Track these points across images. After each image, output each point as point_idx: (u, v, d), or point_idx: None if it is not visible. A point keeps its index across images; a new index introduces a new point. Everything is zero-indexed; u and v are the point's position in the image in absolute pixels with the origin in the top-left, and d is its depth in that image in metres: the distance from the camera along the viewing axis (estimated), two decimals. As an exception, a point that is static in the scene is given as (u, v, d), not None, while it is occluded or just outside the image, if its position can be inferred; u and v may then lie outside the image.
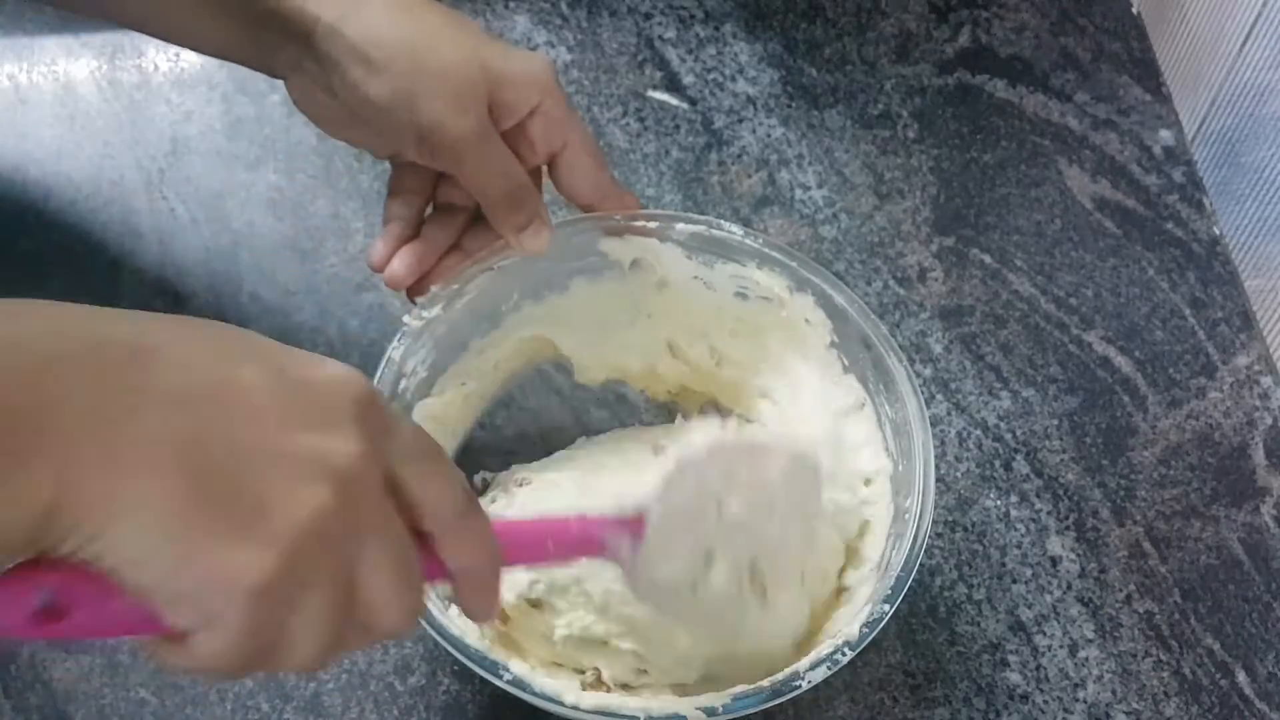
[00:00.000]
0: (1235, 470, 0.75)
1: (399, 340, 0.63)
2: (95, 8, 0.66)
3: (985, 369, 0.78)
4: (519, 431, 0.72)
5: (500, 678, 0.55)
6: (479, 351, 0.68)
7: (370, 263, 0.65)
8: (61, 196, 0.79)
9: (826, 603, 0.63)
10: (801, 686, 0.55)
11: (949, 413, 0.76)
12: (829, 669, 0.56)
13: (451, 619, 0.57)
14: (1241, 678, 0.69)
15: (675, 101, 0.87)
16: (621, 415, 0.73)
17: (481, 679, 0.56)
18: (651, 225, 0.67)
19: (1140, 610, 0.71)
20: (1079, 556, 0.72)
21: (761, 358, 0.70)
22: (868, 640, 0.56)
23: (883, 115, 0.88)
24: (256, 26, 0.61)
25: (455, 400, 0.67)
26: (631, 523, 0.53)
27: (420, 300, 0.64)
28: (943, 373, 0.77)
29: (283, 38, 0.60)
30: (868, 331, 0.65)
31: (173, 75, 0.85)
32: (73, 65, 0.85)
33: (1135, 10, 0.94)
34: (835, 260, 0.81)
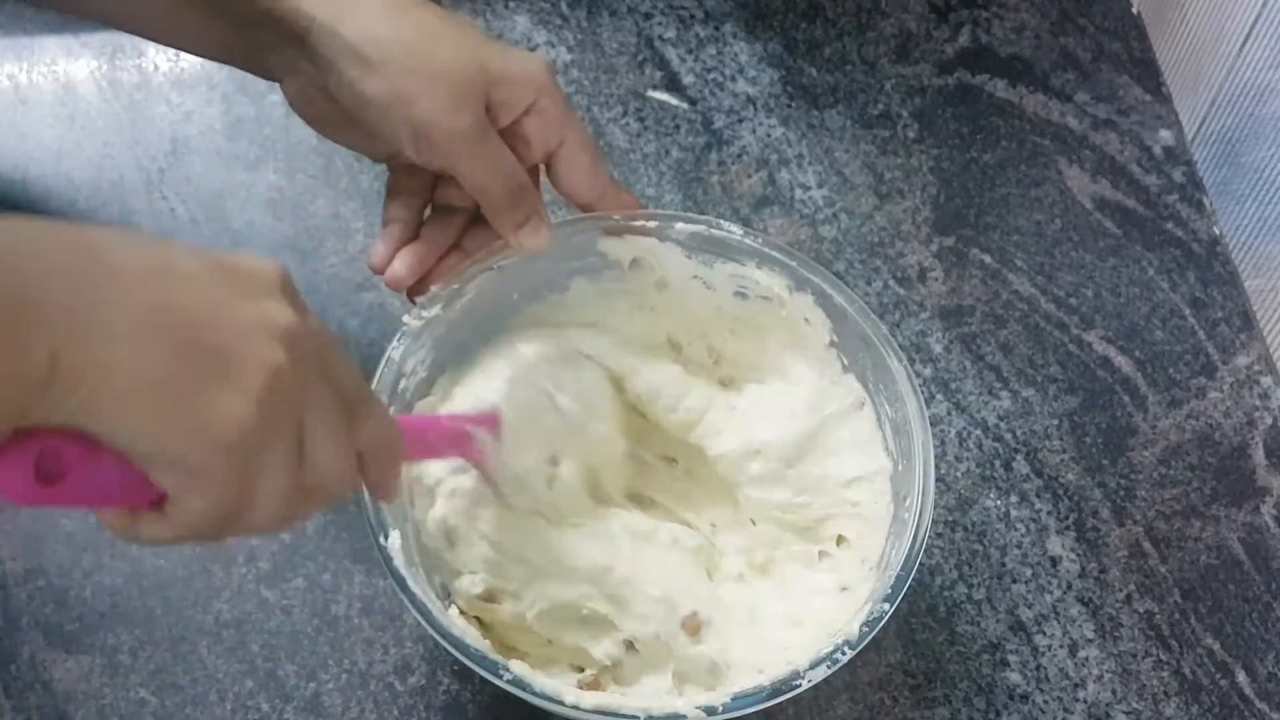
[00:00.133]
0: (1235, 470, 0.75)
1: (399, 340, 0.63)
2: (90, 11, 0.66)
3: (985, 369, 0.78)
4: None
5: (500, 678, 0.55)
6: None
7: (371, 264, 0.65)
8: (61, 196, 0.79)
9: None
10: (801, 685, 0.55)
11: (949, 412, 0.76)
12: (829, 668, 0.56)
13: (452, 619, 0.57)
14: (1241, 678, 0.69)
15: (675, 101, 0.87)
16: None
17: (481, 679, 0.56)
18: (651, 225, 0.67)
19: (1140, 610, 0.71)
20: (1079, 556, 0.72)
21: (761, 357, 0.70)
22: (868, 639, 0.56)
23: (883, 115, 0.88)
24: (251, 28, 0.60)
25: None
26: (488, 419, 0.61)
27: (420, 300, 0.64)
28: (943, 372, 0.77)
29: (278, 39, 0.60)
30: (867, 331, 0.65)
31: (173, 75, 0.85)
32: (73, 65, 0.85)
33: (1135, 10, 0.94)
34: (835, 260, 0.81)
